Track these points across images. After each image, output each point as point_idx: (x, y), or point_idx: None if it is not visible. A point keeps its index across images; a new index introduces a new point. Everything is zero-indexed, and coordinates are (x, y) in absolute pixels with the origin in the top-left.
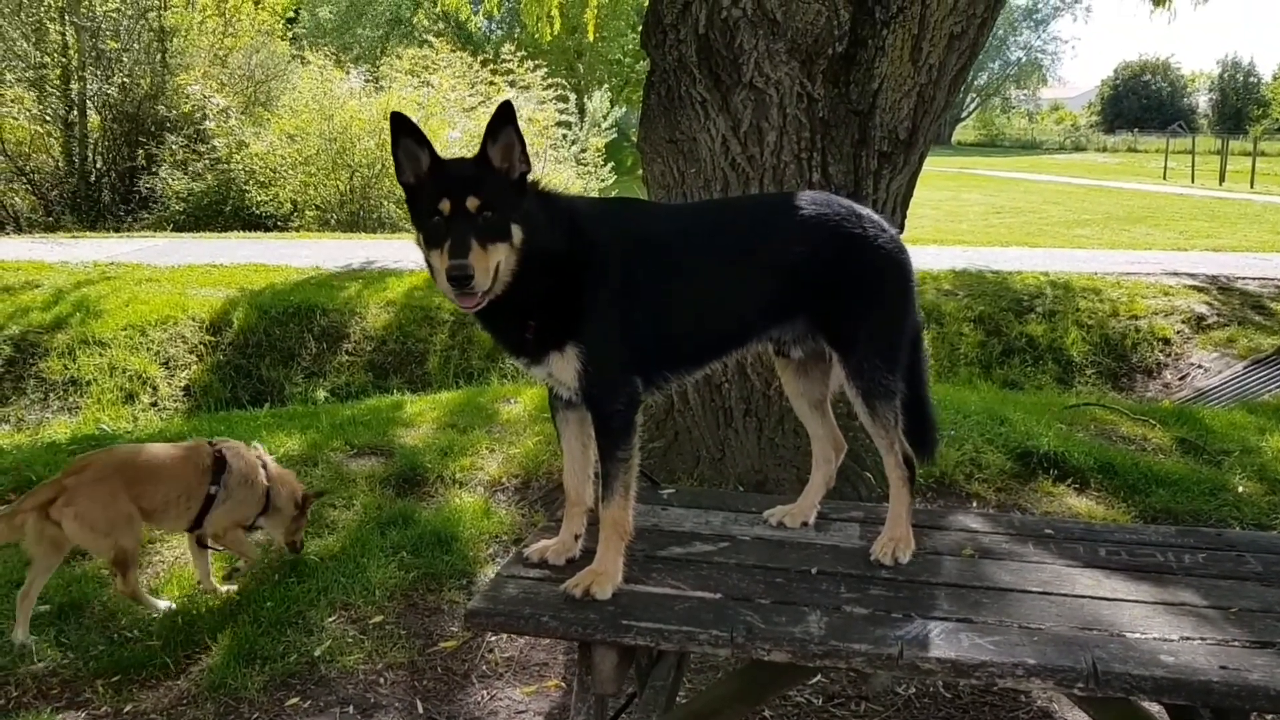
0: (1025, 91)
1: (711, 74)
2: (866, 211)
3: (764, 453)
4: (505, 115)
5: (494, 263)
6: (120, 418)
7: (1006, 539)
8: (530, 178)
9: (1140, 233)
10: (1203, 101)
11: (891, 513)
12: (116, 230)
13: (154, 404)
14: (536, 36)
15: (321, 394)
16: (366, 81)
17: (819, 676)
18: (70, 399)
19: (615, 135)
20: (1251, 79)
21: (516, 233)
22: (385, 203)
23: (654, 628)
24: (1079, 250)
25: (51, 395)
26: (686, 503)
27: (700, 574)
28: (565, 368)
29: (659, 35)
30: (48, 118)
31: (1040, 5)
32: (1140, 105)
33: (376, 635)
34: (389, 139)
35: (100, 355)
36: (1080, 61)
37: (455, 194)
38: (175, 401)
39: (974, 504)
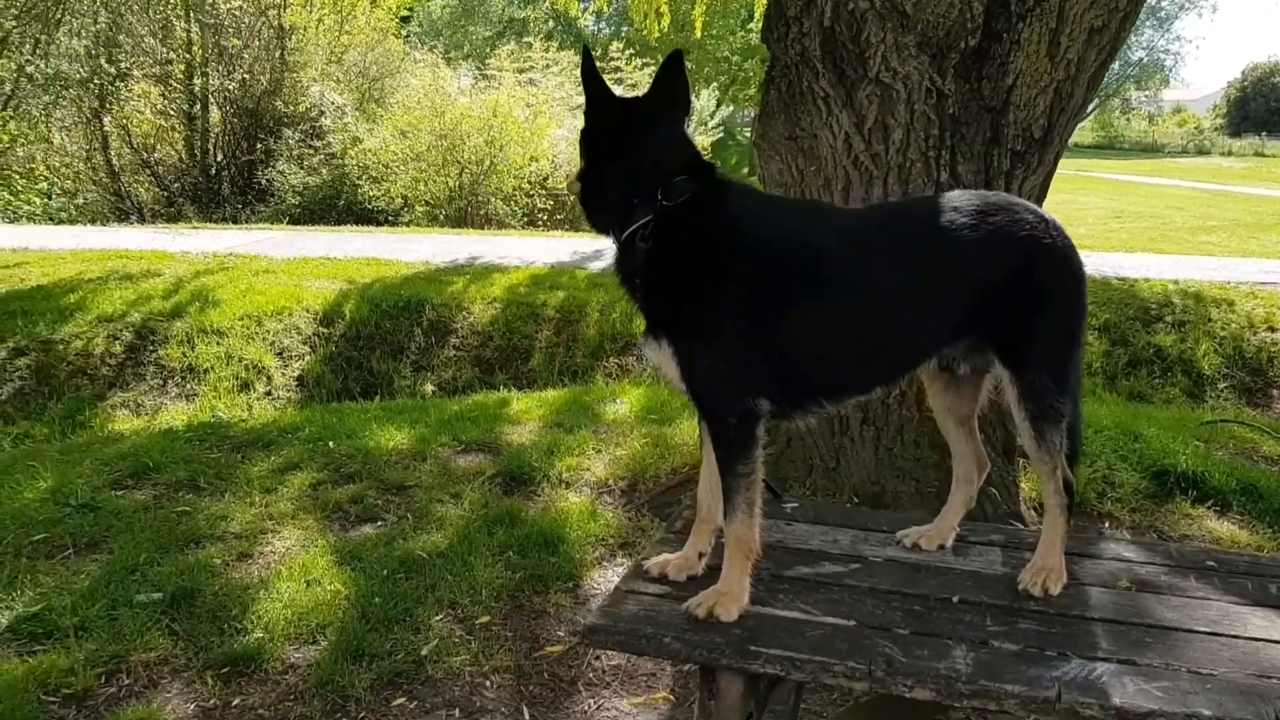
0: (1146, 93)
1: (835, 68)
2: (1051, 217)
3: (881, 464)
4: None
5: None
6: (235, 405)
7: (1165, 571)
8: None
9: (1271, 240)
10: None
11: (1044, 540)
12: (235, 222)
13: (268, 393)
14: (644, 34)
15: (429, 387)
16: (476, 80)
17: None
18: (188, 386)
19: (721, 134)
20: None
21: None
22: (493, 199)
23: (784, 655)
24: (1208, 258)
25: (169, 382)
26: (812, 518)
27: (831, 598)
28: (664, 358)
29: (781, 28)
30: (170, 112)
31: (1164, 3)
32: (1268, 108)
33: (483, 637)
34: (497, 135)
35: (217, 344)
36: (1204, 63)
37: None
38: (289, 391)
39: (1107, 525)
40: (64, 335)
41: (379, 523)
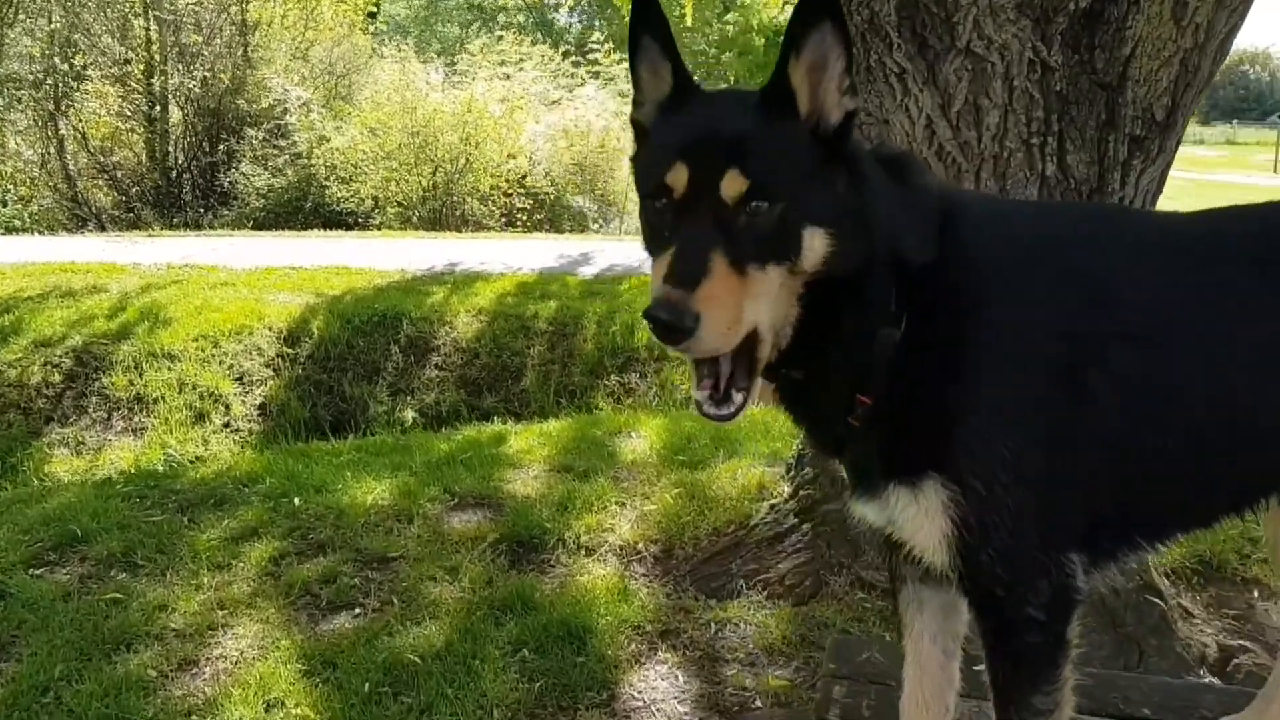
0: None
1: (915, 37)
2: None
3: None
4: (821, 6)
5: (759, 304)
6: (189, 440)
7: None
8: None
9: None
10: None
11: None
12: (196, 228)
13: (227, 424)
14: (626, 17)
15: (410, 414)
16: (447, 76)
17: None
18: (135, 419)
19: None
20: None
21: (818, 241)
22: (468, 199)
23: None
24: None
25: (115, 414)
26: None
27: None
28: (924, 522)
29: None
30: (129, 113)
31: None
32: (1238, 96)
33: None
34: (472, 132)
35: (169, 370)
36: None
37: (699, 161)
38: (250, 422)
39: (1254, 592)
40: None
41: (356, 610)
